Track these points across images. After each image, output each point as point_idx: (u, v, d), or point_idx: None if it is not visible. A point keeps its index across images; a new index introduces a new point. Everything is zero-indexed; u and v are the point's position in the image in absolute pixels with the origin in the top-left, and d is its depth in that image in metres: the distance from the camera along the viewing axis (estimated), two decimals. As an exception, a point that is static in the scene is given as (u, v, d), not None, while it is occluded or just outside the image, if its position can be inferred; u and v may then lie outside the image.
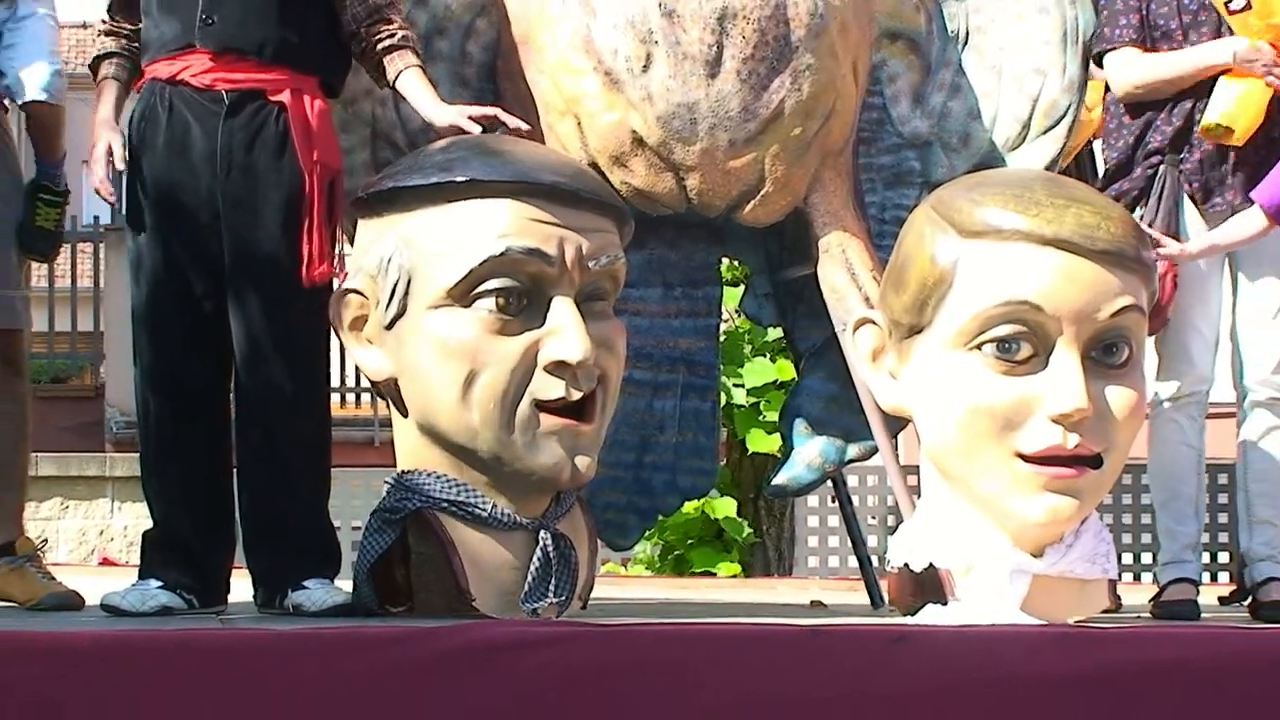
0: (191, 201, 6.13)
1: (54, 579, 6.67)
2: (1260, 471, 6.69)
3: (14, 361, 6.79)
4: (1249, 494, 6.76)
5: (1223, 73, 6.66)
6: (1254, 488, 6.73)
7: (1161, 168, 6.75)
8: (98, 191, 6.11)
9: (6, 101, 6.67)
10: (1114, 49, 6.72)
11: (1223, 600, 7.21)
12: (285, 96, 6.17)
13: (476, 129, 6.02)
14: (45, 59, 6.77)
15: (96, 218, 15.83)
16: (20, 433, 6.85)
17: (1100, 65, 6.86)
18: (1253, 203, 6.54)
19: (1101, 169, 7.26)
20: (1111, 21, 6.71)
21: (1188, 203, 6.73)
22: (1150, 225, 6.62)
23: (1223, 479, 8.81)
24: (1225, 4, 6.68)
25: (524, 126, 6.17)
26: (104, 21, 6.36)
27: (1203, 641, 5.55)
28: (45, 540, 7.14)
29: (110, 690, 4.78)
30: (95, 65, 6.35)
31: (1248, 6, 6.57)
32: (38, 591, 6.54)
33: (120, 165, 6.06)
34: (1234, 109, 6.57)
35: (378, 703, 4.80)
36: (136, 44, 6.27)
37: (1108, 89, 7.03)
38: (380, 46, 6.22)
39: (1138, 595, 6.97)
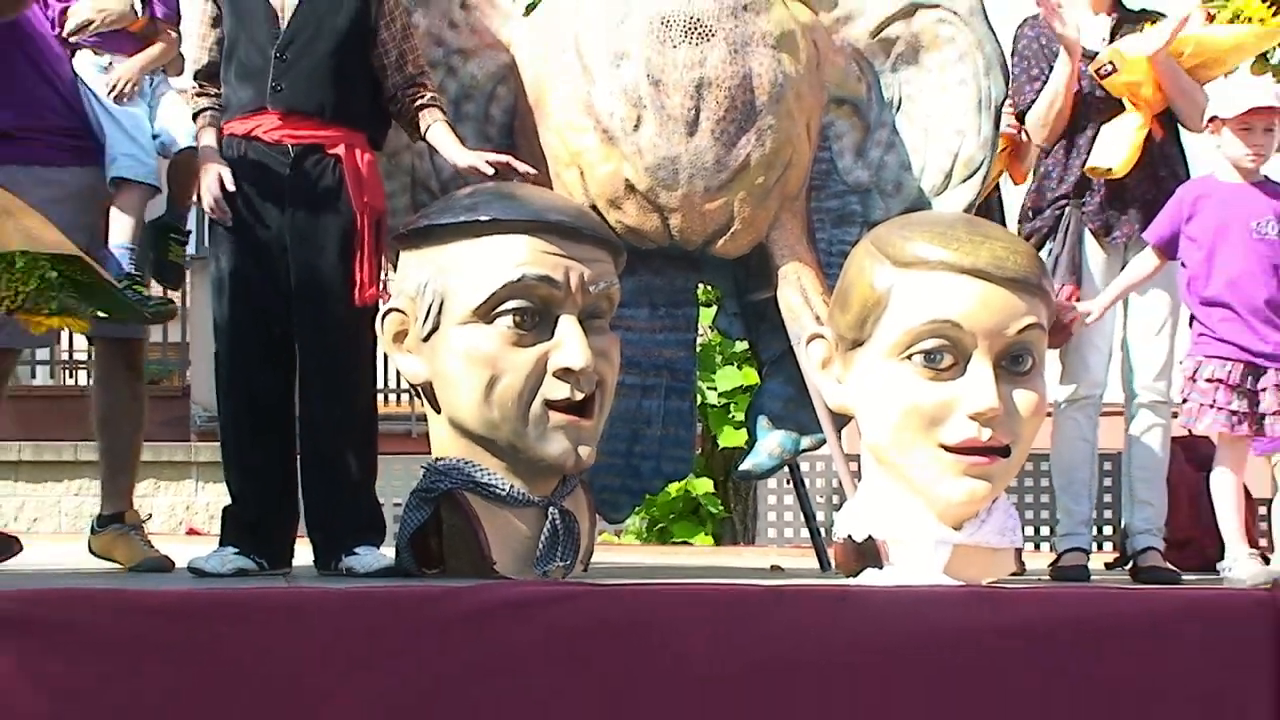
0: (264, 237, 6.14)
1: (152, 546, 6.66)
2: (1142, 461, 6.69)
3: (135, 367, 6.85)
4: (1132, 479, 6.74)
5: (1104, 122, 6.66)
6: (1136, 474, 6.72)
7: (1067, 209, 6.74)
8: (211, 211, 6.09)
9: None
10: (1028, 109, 6.71)
11: (1108, 565, 7.21)
12: (340, 150, 6.17)
13: (491, 171, 6.02)
14: (188, 119, 6.74)
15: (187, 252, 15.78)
16: (137, 425, 6.86)
17: (1022, 123, 6.84)
18: (1144, 243, 6.54)
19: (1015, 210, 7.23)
20: (1019, 91, 6.70)
21: (1089, 238, 6.71)
22: (1058, 257, 6.62)
23: (1108, 466, 8.73)
24: (1097, 70, 6.68)
25: (532, 172, 6.16)
26: (194, 87, 6.33)
27: (1092, 598, 5.57)
28: (150, 515, 7.12)
29: (195, 638, 4.78)
30: (194, 117, 6.31)
31: (1114, 70, 6.56)
32: (138, 556, 6.54)
33: (230, 186, 6.06)
34: (1111, 151, 6.56)
35: (416, 648, 4.81)
36: (220, 102, 6.27)
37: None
38: (414, 106, 6.24)
39: (1038, 561, 6.96)
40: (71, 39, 6.56)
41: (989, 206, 6.94)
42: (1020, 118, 6.80)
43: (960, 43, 6.70)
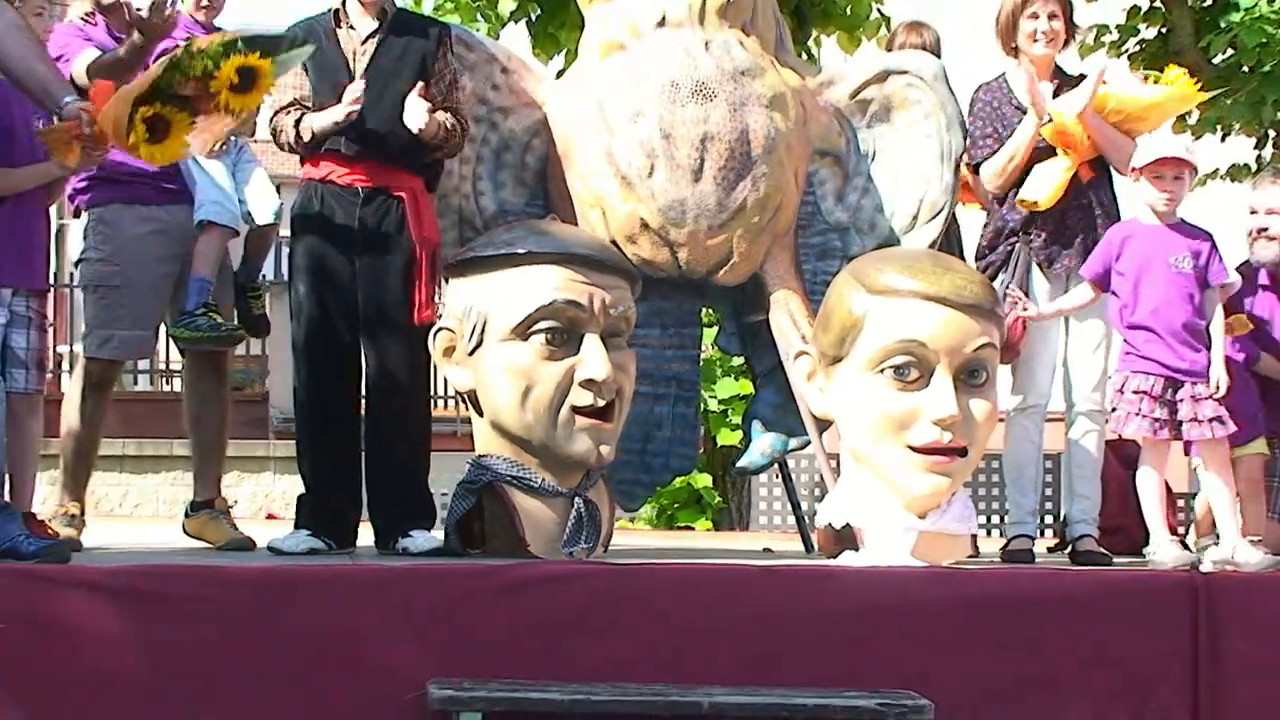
0: (336, 266, 6.15)
1: (237, 528, 6.66)
2: (1079, 460, 6.68)
3: (222, 372, 6.84)
4: (1071, 476, 6.74)
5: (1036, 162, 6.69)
6: (1075, 472, 6.71)
7: (1017, 245, 6.75)
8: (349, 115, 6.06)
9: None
10: (984, 161, 6.71)
11: (1049, 550, 7.21)
12: (402, 192, 6.20)
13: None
14: (272, 194, 6.85)
15: (264, 275, 15.73)
16: (221, 423, 6.86)
17: (976, 173, 6.84)
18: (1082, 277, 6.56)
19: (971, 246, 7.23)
20: (975, 145, 6.71)
21: (1036, 270, 6.71)
22: (1009, 287, 6.63)
23: (1050, 465, 8.75)
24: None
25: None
26: (285, 112, 6.22)
27: (1037, 577, 5.62)
28: (236, 502, 7.12)
29: (274, 607, 4.82)
30: (295, 123, 6.18)
31: (1050, 121, 6.57)
32: (225, 536, 6.55)
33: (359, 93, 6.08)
34: (1040, 186, 6.58)
35: (462, 616, 4.85)
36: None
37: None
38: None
39: (990, 545, 6.96)
40: None
41: (950, 243, 6.93)
42: (974, 168, 6.80)
43: (925, 104, 6.70)
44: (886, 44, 7.87)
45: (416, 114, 6.04)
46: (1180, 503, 8.95)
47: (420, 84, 6.12)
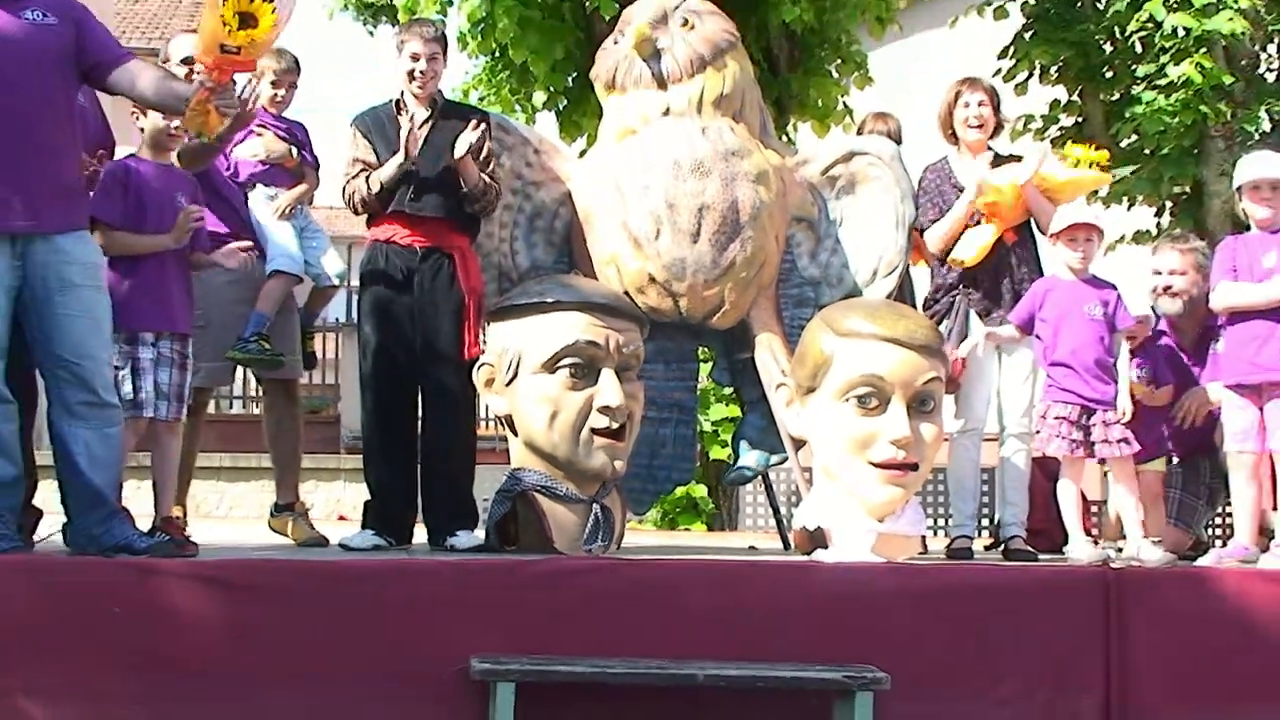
0: (399, 312, 6.15)
1: (313, 528, 6.65)
2: (1010, 474, 6.65)
3: (293, 396, 6.85)
4: (1003, 487, 6.70)
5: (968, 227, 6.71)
6: (1007, 483, 6.68)
7: (958, 297, 6.75)
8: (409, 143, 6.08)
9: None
10: (928, 228, 6.70)
11: (986, 548, 7.19)
12: (453, 250, 6.21)
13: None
14: (339, 261, 6.90)
15: (338, 319, 15.79)
16: (298, 437, 6.87)
17: (922, 235, 6.83)
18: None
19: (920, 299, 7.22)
20: (923, 211, 6.70)
21: (974, 317, 6.70)
22: (951, 330, 6.62)
23: (986, 477, 8.73)
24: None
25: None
26: (354, 172, 6.25)
27: (975, 571, 5.60)
28: (311, 505, 7.12)
29: (346, 593, 4.82)
30: (361, 179, 6.20)
31: (981, 193, 6.59)
32: (302, 534, 6.55)
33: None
34: (968, 247, 6.59)
35: (500, 602, 4.84)
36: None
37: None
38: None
39: (936, 545, 6.95)
40: (245, 173, 6.60)
41: (904, 294, 6.93)
42: (921, 233, 6.79)
43: (884, 180, 6.70)
44: (857, 128, 7.86)
45: (464, 142, 6.08)
46: (1094, 509, 8.91)
47: (473, 122, 6.19)
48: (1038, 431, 6.40)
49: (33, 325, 4.99)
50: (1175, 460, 6.88)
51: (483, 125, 6.28)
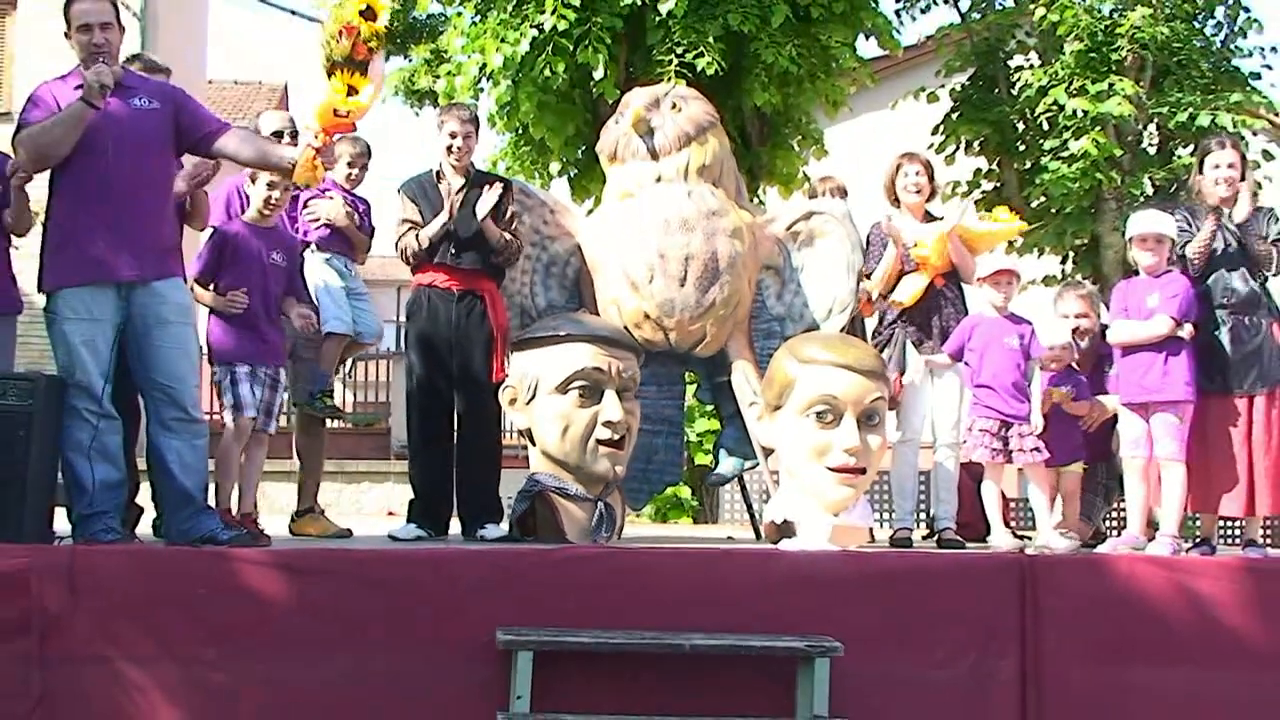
0: (438, 343, 6.13)
1: (334, 524, 6.68)
2: (942, 476, 6.63)
3: (320, 422, 6.80)
4: (937, 487, 6.68)
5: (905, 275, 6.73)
6: (939, 484, 6.66)
7: (898, 330, 6.75)
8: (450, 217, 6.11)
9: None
10: (873, 271, 6.70)
11: (923, 538, 7.13)
12: (484, 292, 6.19)
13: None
14: (377, 318, 6.92)
15: (389, 349, 15.75)
16: (322, 452, 6.90)
17: (868, 278, 6.82)
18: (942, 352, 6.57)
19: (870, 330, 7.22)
20: (869, 259, 6.69)
21: (910, 348, 6.70)
22: (891, 359, 6.61)
23: (922, 479, 8.67)
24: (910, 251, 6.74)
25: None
26: (403, 236, 6.22)
27: (912, 556, 5.55)
28: (328, 506, 7.10)
29: (395, 576, 4.78)
30: (411, 234, 6.16)
31: (915, 246, 6.62)
32: (328, 529, 6.53)
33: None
34: (901, 292, 6.64)
35: (523, 583, 4.81)
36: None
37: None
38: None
39: (882, 535, 6.89)
40: (311, 235, 6.59)
41: (855, 329, 6.91)
42: (867, 275, 6.78)
43: (837, 234, 6.67)
44: (810, 191, 7.86)
45: (483, 205, 6.07)
46: (1012, 504, 8.88)
47: (489, 186, 6.19)
48: (964, 441, 6.38)
49: (134, 355, 5.04)
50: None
51: (499, 188, 6.25)
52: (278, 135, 6.29)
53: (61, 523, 5.14)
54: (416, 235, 6.15)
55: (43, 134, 4.94)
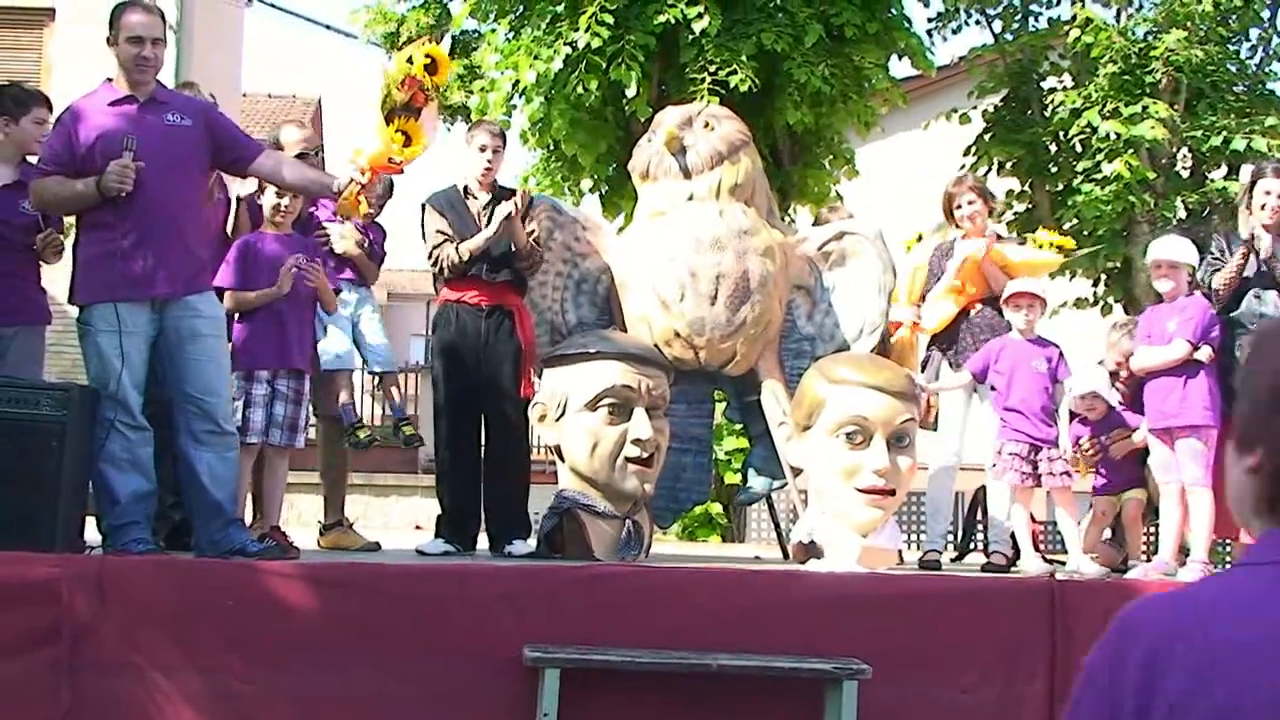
0: (468, 357, 6.14)
1: (363, 537, 6.69)
2: (995, 500, 6.60)
3: (340, 441, 6.80)
4: (988, 510, 6.62)
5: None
6: (992, 507, 6.61)
7: (934, 353, 6.78)
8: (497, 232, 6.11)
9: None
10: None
11: (952, 560, 7.11)
12: (513, 309, 6.21)
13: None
14: (389, 346, 6.93)
15: (417, 362, 15.79)
16: (346, 466, 6.91)
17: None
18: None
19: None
20: (930, 280, 6.75)
21: (945, 366, 6.71)
22: (925, 377, 6.64)
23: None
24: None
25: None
26: (438, 248, 6.23)
27: (943, 579, 5.53)
28: (356, 519, 7.13)
29: (423, 590, 4.78)
30: (450, 247, 6.16)
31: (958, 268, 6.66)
32: (357, 542, 6.54)
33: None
34: (929, 318, 6.74)
35: (548, 599, 4.80)
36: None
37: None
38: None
39: (911, 557, 6.86)
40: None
41: (885, 350, 6.90)
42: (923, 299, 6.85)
43: (869, 255, 6.66)
44: (814, 219, 7.88)
45: (502, 210, 6.09)
46: (1040, 527, 8.83)
47: (511, 195, 6.24)
48: (994, 465, 6.35)
49: (166, 368, 5.07)
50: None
51: (517, 196, 6.28)
52: (301, 156, 6.35)
53: (90, 531, 5.18)
54: (456, 248, 6.17)
55: (50, 196, 5.09)
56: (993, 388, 6.41)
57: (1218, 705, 1.64)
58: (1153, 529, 6.73)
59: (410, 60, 5.21)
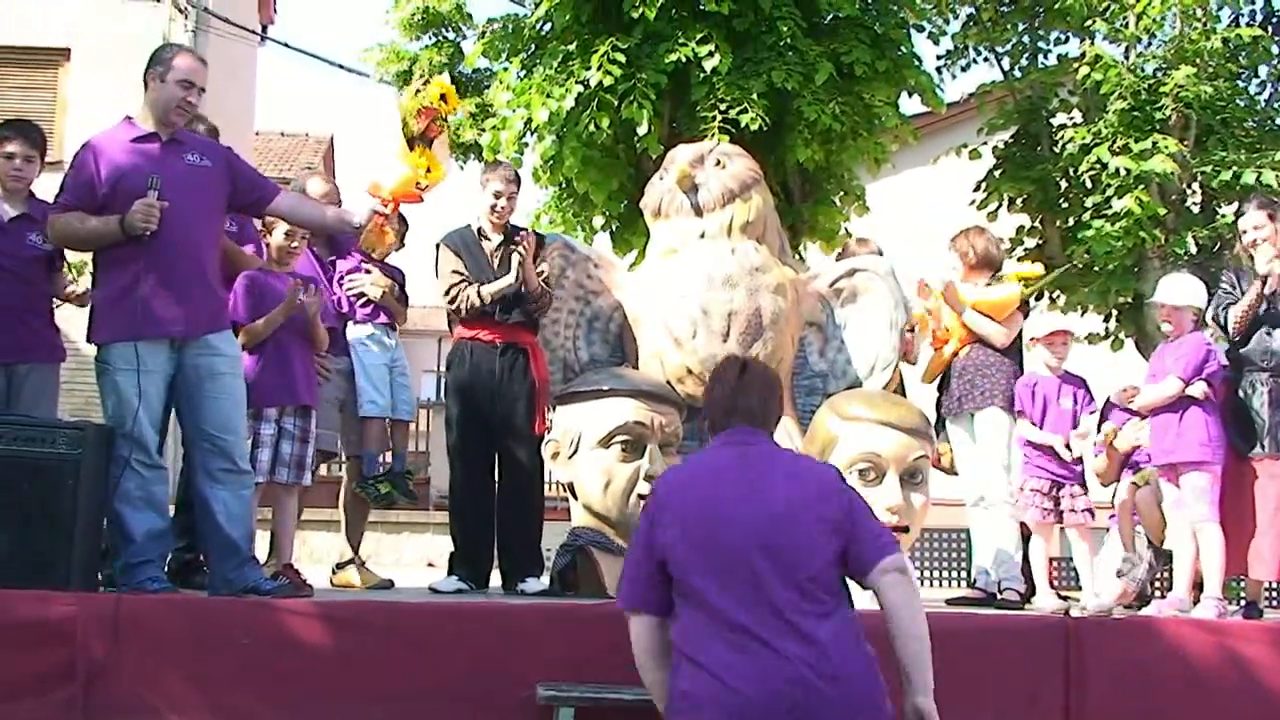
0: (481, 395, 6.17)
1: (375, 575, 6.72)
2: (1003, 536, 6.53)
3: (359, 480, 6.81)
4: (998, 545, 6.56)
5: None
6: (1001, 542, 6.53)
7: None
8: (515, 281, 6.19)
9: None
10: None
11: (950, 600, 7.04)
12: (526, 346, 6.23)
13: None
14: (414, 396, 7.04)
15: (429, 399, 15.81)
16: (364, 513, 6.93)
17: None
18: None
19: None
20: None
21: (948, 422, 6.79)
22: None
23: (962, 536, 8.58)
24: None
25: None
26: (455, 288, 6.26)
27: (957, 616, 5.50)
28: (368, 557, 7.15)
29: (432, 628, 4.77)
30: (468, 288, 6.21)
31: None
32: (370, 580, 6.56)
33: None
34: (924, 373, 6.74)
35: (561, 637, 4.79)
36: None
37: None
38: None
39: (926, 594, 6.81)
40: (355, 310, 6.68)
41: (899, 387, 6.92)
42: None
43: (880, 291, 6.67)
44: (839, 252, 7.88)
45: (517, 256, 6.15)
46: (1054, 563, 8.79)
47: (523, 237, 6.31)
48: (1015, 501, 6.35)
49: (184, 406, 5.09)
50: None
51: (532, 238, 6.37)
52: (326, 197, 6.42)
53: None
54: (478, 291, 6.19)
55: (70, 233, 5.13)
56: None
57: (679, 537, 3.49)
58: (1167, 569, 6.69)
59: (419, 92, 5.34)
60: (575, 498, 5.89)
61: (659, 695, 3.72)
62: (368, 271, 6.68)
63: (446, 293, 6.30)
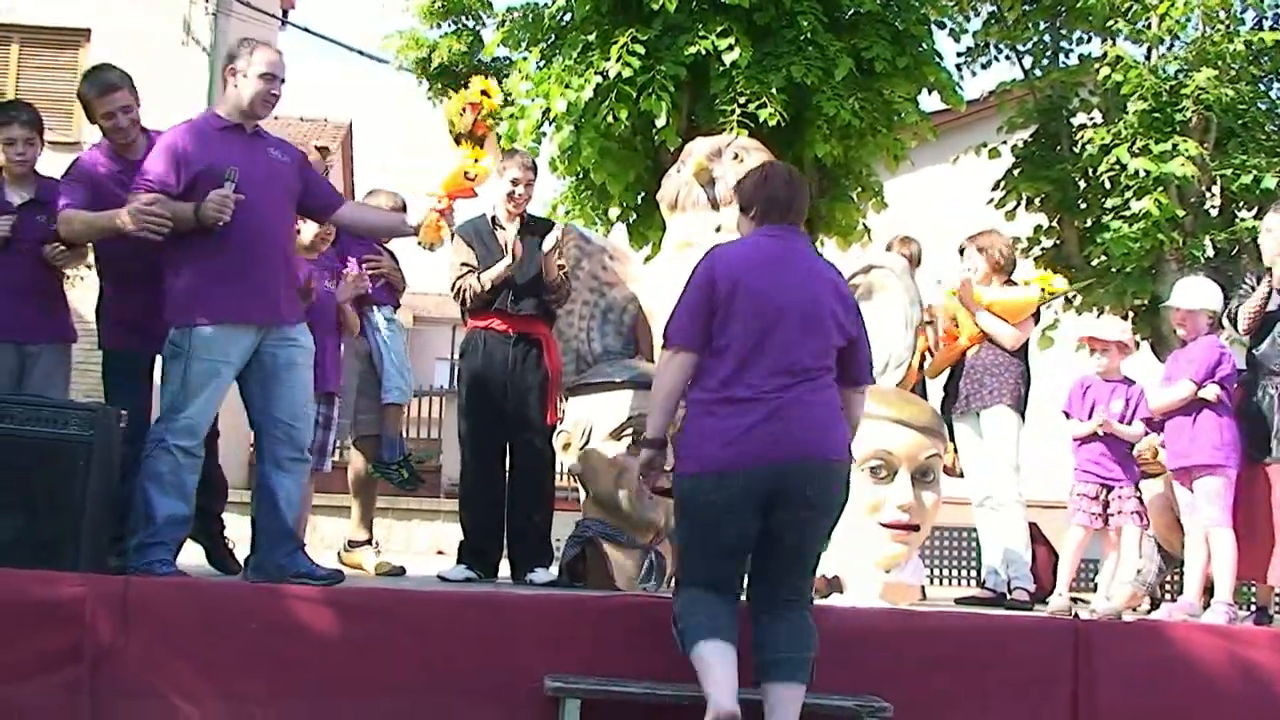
0: (493, 385, 6.17)
1: (389, 562, 6.75)
2: (1013, 534, 6.56)
3: (377, 455, 6.82)
4: (1007, 544, 6.61)
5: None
6: (1011, 541, 6.56)
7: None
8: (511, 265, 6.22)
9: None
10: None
11: (958, 600, 7.04)
12: (540, 337, 6.21)
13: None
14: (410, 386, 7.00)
15: (442, 386, 15.82)
16: (374, 493, 6.99)
17: None
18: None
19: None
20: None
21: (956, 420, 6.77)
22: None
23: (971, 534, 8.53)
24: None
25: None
26: (461, 278, 6.29)
27: (966, 616, 5.49)
28: (378, 543, 7.19)
29: (442, 617, 4.77)
30: (472, 276, 6.24)
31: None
32: (383, 567, 6.57)
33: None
34: (935, 364, 6.91)
35: (569, 629, 4.79)
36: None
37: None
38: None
39: (934, 593, 6.82)
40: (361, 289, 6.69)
41: (913, 385, 6.91)
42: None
43: (895, 289, 6.60)
44: (887, 245, 7.85)
45: (551, 239, 6.17)
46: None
47: (556, 227, 6.34)
48: (1065, 506, 6.37)
49: (257, 393, 5.16)
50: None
51: (560, 229, 6.37)
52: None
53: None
54: (478, 277, 6.18)
55: (74, 228, 5.24)
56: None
57: (740, 297, 4.32)
58: (1178, 572, 6.68)
59: (464, 88, 5.48)
60: (585, 489, 5.89)
61: (667, 423, 4.53)
62: (379, 254, 6.74)
63: (452, 286, 6.32)
